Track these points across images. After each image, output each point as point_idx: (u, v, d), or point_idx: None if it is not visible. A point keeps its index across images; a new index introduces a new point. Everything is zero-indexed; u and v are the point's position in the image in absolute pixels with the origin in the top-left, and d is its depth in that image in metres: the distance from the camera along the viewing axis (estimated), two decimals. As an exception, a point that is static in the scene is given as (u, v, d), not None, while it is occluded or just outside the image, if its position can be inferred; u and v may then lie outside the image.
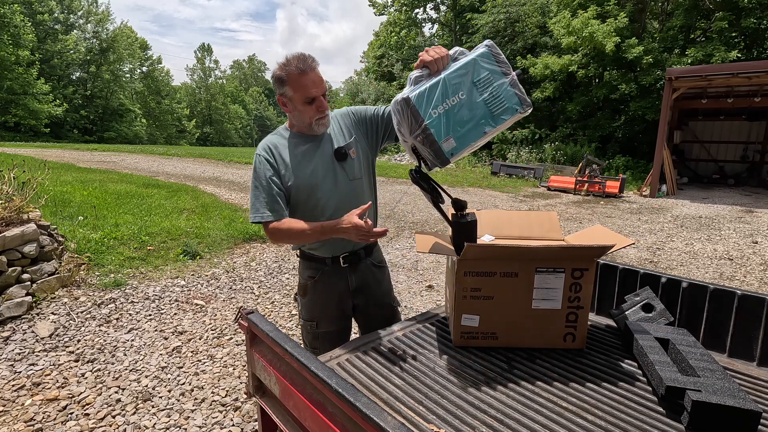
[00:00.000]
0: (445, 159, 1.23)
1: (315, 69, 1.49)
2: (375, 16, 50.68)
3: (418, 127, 1.21)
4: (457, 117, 1.23)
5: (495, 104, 1.24)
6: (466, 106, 1.23)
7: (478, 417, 1.08)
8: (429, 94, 1.21)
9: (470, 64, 1.24)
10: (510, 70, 1.27)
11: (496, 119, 1.25)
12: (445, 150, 1.23)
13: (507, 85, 1.25)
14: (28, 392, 2.47)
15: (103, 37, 41.73)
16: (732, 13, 14.59)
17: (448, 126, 1.22)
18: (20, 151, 16.25)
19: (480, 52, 1.26)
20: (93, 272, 4.23)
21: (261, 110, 78.89)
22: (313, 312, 1.72)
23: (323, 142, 1.61)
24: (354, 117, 1.68)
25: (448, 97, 1.22)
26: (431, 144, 1.22)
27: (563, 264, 1.40)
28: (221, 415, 2.36)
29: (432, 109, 1.21)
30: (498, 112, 1.25)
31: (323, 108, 1.53)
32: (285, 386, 1.13)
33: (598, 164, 12.86)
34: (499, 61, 1.26)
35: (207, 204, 8.03)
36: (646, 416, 1.10)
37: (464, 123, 1.23)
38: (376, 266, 1.78)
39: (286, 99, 1.53)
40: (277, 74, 1.51)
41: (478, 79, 1.24)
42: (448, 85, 1.22)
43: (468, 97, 1.23)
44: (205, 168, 15.91)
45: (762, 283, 4.88)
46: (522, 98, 1.26)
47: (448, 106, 1.22)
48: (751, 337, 1.51)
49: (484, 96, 1.24)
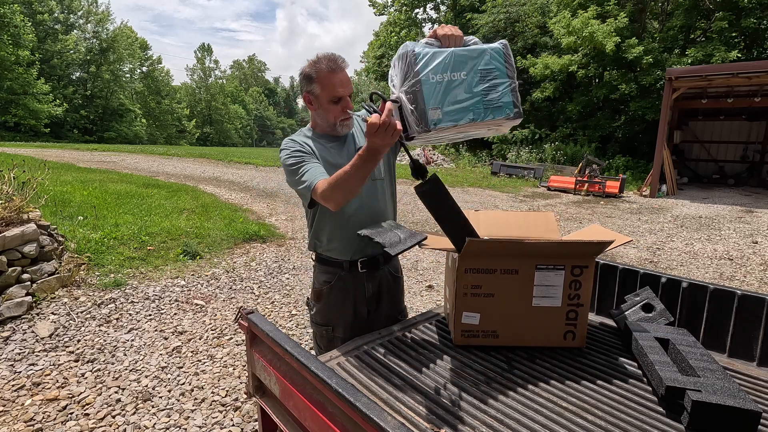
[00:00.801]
0: (427, 124, 1.20)
1: (344, 69, 1.50)
2: (375, 16, 50.72)
3: (412, 77, 1.19)
4: (452, 93, 1.22)
5: (490, 99, 1.24)
6: (463, 87, 1.22)
7: (478, 417, 1.08)
8: (433, 57, 1.20)
9: (481, 52, 1.25)
10: (515, 76, 1.27)
11: (485, 112, 1.24)
12: (429, 117, 1.20)
13: (507, 87, 1.25)
14: (28, 392, 2.47)
15: (103, 37, 41.76)
16: (732, 13, 14.59)
17: (440, 96, 1.20)
18: (20, 151, 16.25)
19: (494, 46, 1.26)
20: (93, 272, 4.23)
21: (261, 110, 78.87)
22: (328, 317, 1.69)
23: (347, 143, 1.62)
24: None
25: (450, 70, 1.21)
26: (418, 103, 1.19)
27: (563, 261, 1.40)
28: (221, 415, 2.36)
29: (432, 73, 1.20)
30: (490, 107, 1.24)
31: (348, 109, 1.54)
32: (285, 386, 1.13)
33: (598, 164, 12.87)
34: (508, 63, 1.26)
35: (207, 204, 8.03)
36: (646, 416, 1.10)
37: (456, 102, 1.22)
38: (393, 275, 1.75)
39: (313, 97, 1.54)
40: (306, 71, 1.51)
41: (484, 68, 1.24)
42: (454, 60, 1.22)
43: (468, 79, 1.23)
44: (205, 168, 15.92)
45: (762, 283, 4.87)
46: (517, 106, 1.26)
47: (447, 78, 1.21)
48: (751, 337, 1.51)
49: (483, 86, 1.24)
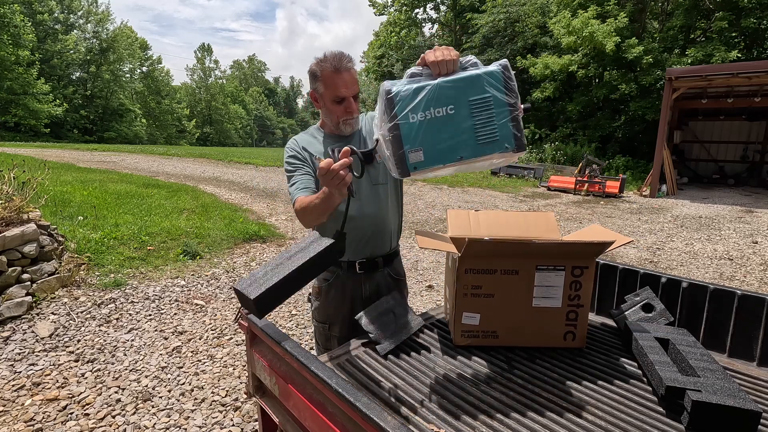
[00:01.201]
0: (406, 170, 1.09)
1: (349, 69, 1.48)
2: (375, 16, 50.73)
3: (389, 122, 1.09)
4: (436, 131, 1.09)
5: (483, 132, 1.08)
6: (451, 124, 1.09)
7: (478, 417, 1.08)
8: (413, 95, 1.08)
9: (472, 80, 1.09)
10: (516, 102, 1.10)
11: (477, 149, 1.09)
12: (409, 160, 1.09)
13: (506, 118, 1.09)
14: (28, 392, 2.47)
15: (103, 37, 41.77)
16: (732, 13, 14.59)
17: (421, 136, 1.08)
18: (20, 151, 16.26)
19: (490, 70, 1.10)
20: (93, 272, 4.23)
21: (261, 110, 78.87)
22: (326, 315, 1.72)
23: (353, 144, 1.60)
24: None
25: (433, 106, 1.08)
26: (397, 147, 1.09)
27: (563, 261, 1.40)
28: (221, 415, 2.36)
29: (411, 113, 1.08)
30: (483, 142, 1.09)
31: (351, 110, 1.52)
32: (285, 386, 1.13)
33: (598, 164, 12.86)
34: (508, 88, 1.09)
35: (207, 204, 8.03)
36: (646, 416, 1.10)
37: (441, 141, 1.09)
38: (394, 278, 1.75)
39: (318, 95, 1.54)
40: (312, 69, 1.51)
41: (476, 98, 1.08)
42: (438, 93, 1.08)
43: (456, 113, 1.08)
44: (205, 168, 15.92)
45: (762, 283, 4.88)
46: (518, 138, 1.10)
47: (430, 116, 1.08)
48: (751, 337, 1.51)
49: (474, 119, 1.08)
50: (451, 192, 11.74)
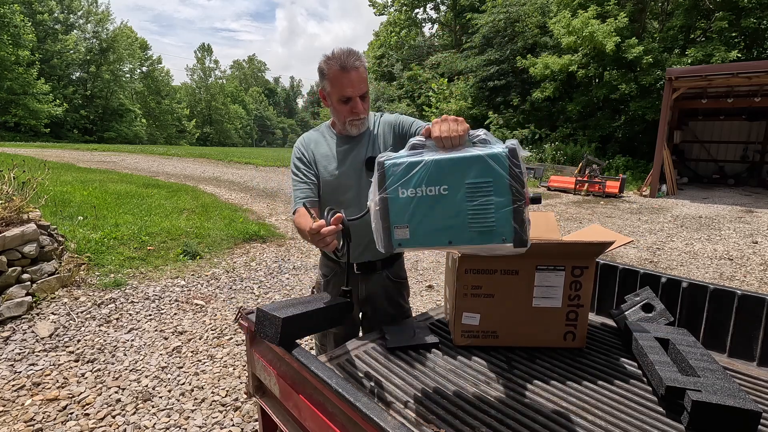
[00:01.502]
0: (389, 245, 1.03)
1: (357, 68, 1.43)
2: (375, 16, 50.73)
3: (380, 192, 1.02)
4: (426, 211, 1.00)
5: (478, 220, 0.98)
6: (443, 205, 0.99)
7: (478, 417, 1.08)
8: (406, 170, 1.00)
9: (472, 161, 0.97)
10: (522, 190, 0.96)
11: (469, 237, 0.99)
12: (394, 236, 1.02)
13: (506, 207, 0.96)
14: (28, 392, 2.47)
15: (103, 37, 41.79)
16: (732, 13, 14.59)
17: (409, 213, 1.00)
18: (20, 151, 16.26)
19: (494, 152, 0.97)
20: (93, 272, 4.23)
21: (261, 110, 78.89)
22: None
23: (360, 146, 1.59)
24: (398, 129, 1.62)
25: (426, 183, 0.99)
26: (383, 220, 1.03)
27: (563, 262, 1.40)
28: (221, 415, 2.36)
29: (402, 187, 1.00)
30: (476, 230, 0.98)
31: (357, 111, 1.49)
32: (285, 386, 1.13)
33: (598, 164, 12.86)
34: (513, 175, 0.95)
35: (207, 204, 8.03)
36: (646, 416, 1.10)
37: (430, 221, 1.00)
38: (393, 280, 1.74)
39: (326, 93, 1.51)
40: (320, 66, 1.47)
41: (474, 182, 0.97)
42: (432, 171, 0.99)
43: (450, 195, 0.98)
44: (205, 168, 15.92)
45: (762, 283, 4.87)
46: (518, 232, 0.97)
47: (421, 194, 0.99)
48: (751, 337, 1.51)
49: (469, 204, 0.98)
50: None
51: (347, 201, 1.58)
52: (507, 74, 21.06)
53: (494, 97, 21.59)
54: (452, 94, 22.42)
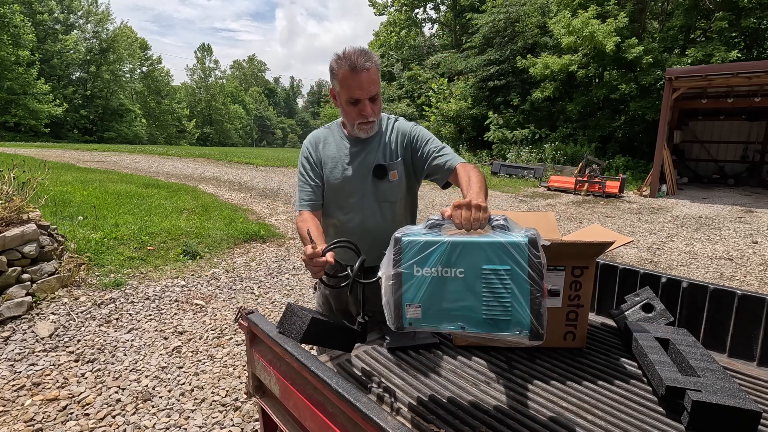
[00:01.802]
0: (400, 324, 1.00)
1: (368, 70, 1.38)
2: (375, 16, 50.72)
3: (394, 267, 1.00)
4: (440, 292, 0.97)
5: (493, 308, 0.95)
6: (458, 288, 0.96)
7: (478, 417, 1.08)
8: (423, 248, 0.97)
9: (492, 247, 0.94)
10: (540, 282, 0.93)
11: (482, 324, 0.96)
12: (405, 314, 0.99)
13: (524, 298, 0.93)
14: (28, 392, 2.47)
15: (103, 37, 41.79)
16: (732, 13, 14.59)
17: (423, 293, 0.98)
18: (20, 151, 16.26)
19: (515, 240, 0.94)
20: (93, 272, 4.23)
21: (261, 110, 78.89)
22: (322, 306, 1.77)
23: (369, 151, 1.55)
24: (414, 142, 1.56)
25: (442, 264, 0.96)
26: (395, 297, 1.00)
27: (563, 262, 1.40)
28: (221, 415, 2.36)
29: (417, 265, 0.98)
30: (490, 318, 0.95)
31: (365, 114, 1.45)
32: (285, 386, 1.13)
33: (598, 164, 12.87)
34: (532, 265, 0.92)
35: (207, 204, 8.03)
36: (646, 416, 1.10)
37: (444, 303, 0.98)
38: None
39: (336, 93, 1.48)
40: (330, 65, 1.44)
41: (492, 268, 0.94)
42: (449, 252, 0.96)
43: (466, 279, 0.96)
44: (205, 168, 15.92)
45: (762, 283, 4.88)
46: (534, 324, 0.93)
47: (436, 274, 0.97)
48: (751, 337, 1.51)
49: (485, 291, 0.95)
50: (451, 192, 11.74)
51: (350, 206, 1.57)
52: (507, 74, 21.06)
53: (494, 97, 21.60)
54: (452, 94, 22.42)
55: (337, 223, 1.62)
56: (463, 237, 0.97)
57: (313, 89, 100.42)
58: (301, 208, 1.56)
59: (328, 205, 1.61)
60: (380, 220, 1.59)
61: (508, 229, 0.99)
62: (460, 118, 22.07)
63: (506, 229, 0.99)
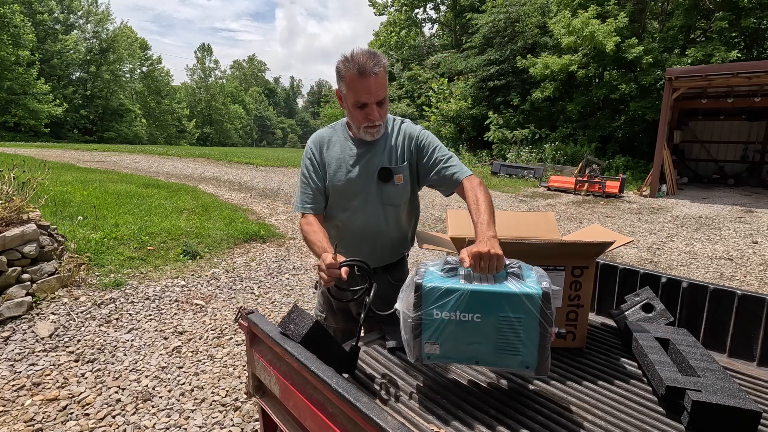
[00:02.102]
0: (419, 357, 1.11)
1: (376, 74, 1.36)
2: (375, 16, 50.72)
3: (414, 310, 1.09)
4: (457, 333, 1.07)
5: (506, 348, 1.06)
6: (475, 330, 1.06)
7: (478, 417, 1.08)
8: (444, 295, 1.06)
9: (508, 297, 1.04)
10: (549, 328, 1.04)
11: (495, 360, 1.08)
12: (424, 350, 1.10)
13: (534, 340, 1.05)
14: (28, 392, 2.47)
15: (103, 37, 41.76)
16: (732, 13, 14.59)
17: (442, 333, 1.08)
18: (20, 151, 16.26)
19: (529, 292, 1.03)
20: (93, 272, 4.23)
21: (261, 110, 78.88)
22: (322, 305, 1.76)
23: (375, 153, 1.54)
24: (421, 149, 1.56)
25: (461, 309, 1.06)
26: (415, 335, 1.10)
27: (564, 262, 1.40)
28: (221, 415, 2.36)
29: (437, 309, 1.07)
30: (503, 355, 1.07)
31: (372, 118, 1.43)
32: (285, 386, 1.13)
33: (598, 164, 12.87)
34: (543, 315, 1.03)
35: (207, 204, 8.03)
36: (646, 416, 1.10)
37: (460, 342, 1.08)
38: (393, 283, 1.71)
39: (342, 95, 1.46)
40: (338, 66, 1.41)
41: (507, 316, 1.04)
42: (469, 300, 1.05)
43: (483, 323, 1.06)
44: (205, 168, 15.92)
45: (762, 283, 4.87)
46: (541, 362, 1.05)
47: (455, 318, 1.06)
48: (751, 337, 1.51)
49: (499, 334, 1.06)
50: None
51: (353, 207, 1.56)
52: (507, 74, 21.06)
53: (494, 97, 21.60)
54: (452, 94, 22.43)
55: (339, 224, 1.61)
56: (482, 286, 1.06)
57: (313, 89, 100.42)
58: (304, 210, 1.56)
59: (331, 207, 1.60)
60: (383, 223, 1.58)
61: (523, 277, 1.09)
62: (460, 118, 22.06)
63: (520, 277, 1.09)
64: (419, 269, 1.13)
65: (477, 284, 1.07)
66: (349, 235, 1.59)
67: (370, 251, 1.60)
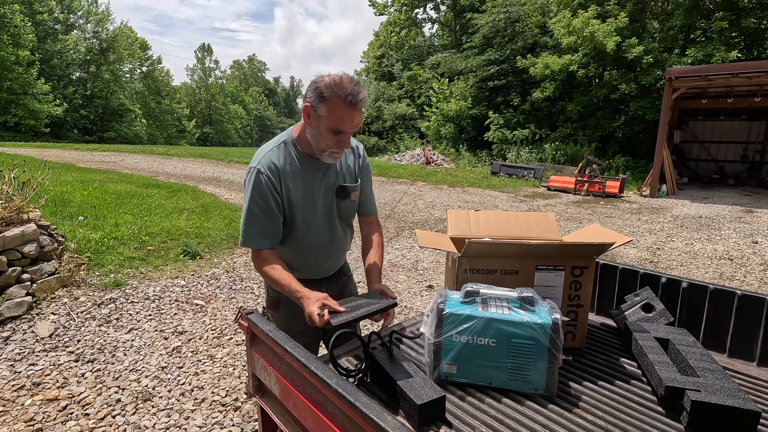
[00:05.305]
0: (438, 376, 1.22)
1: (360, 109, 1.37)
2: (375, 16, 50.72)
3: (437, 336, 1.20)
4: (473, 356, 1.18)
5: (517, 371, 1.17)
6: (489, 354, 1.17)
7: (478, 417, 1.08)
8: (463, 321, 1.18)
9: (521, 325, 1.15)
10: (557, 354, 1.14)
11: (507, 382, 1.19)
12: (443, 369, 1.21)
13: (543, 365, 1.15)
14: (28, 392, 2.47)
15: (103, 37, 41.72)
16: (732, 13, 14.59)
17: (460, 355, 1.19)
18: (20, 151, 16.25)
19: (540, 322, 1.15)
20: (93, 272, 4.23)
21: (261, 110, 78.90)
22: (288, 326, 1.61)
23: (329, 172, 1.54)
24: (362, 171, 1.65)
25: (478, 334, 1.17)
26: (435, 357, 1.21)
27: (563, 262, 1.40)
28: (221, 415, 2.36)
29: (457, 334, 1.18)
30: (514, 379, 1.18)
31: (344, 146, 1.42)
32: (285, 386, 1.13)
33: (598, 164, 12.86)
34: (552, 342, 1.14)
35: (207, 204, 8.03)
36: (645, 416, 1.10)
37: (476, 363, 1.19)
38: (347, 275, 1.81)
39: (314, 114, 1.37)
40: (320, 87, 1.33)
41: (519, 342, 1.15)
42: (486, 326, 1.17)
43: (497, 347, 1.17)
44: (205, 168, 15.91)
45: (762, 283, 4.88)
46: (549, 386, 1.16)
47: (472, 341, 1.18)
48: (751, 337, 1.51)
49: (512, 358, 1.16)
50: (451, 192, 11.74)
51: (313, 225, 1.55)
52: (507, 74, 21.07)
53: (494, 97, 21.61)
54: (452, 94, 22.43)
55: (298, 242, 1.56)
56: (498, 314, 1.17)
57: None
58: (263, 247, 1.47)
59: (290, 225, 1.54)
60: (342, 236, 1.65)
61: (534, 304, 1.21)
62: (460, 118, 22.07)
63: (532, 304, 1.20)
64: (440, 294, 1.25)
65: (494, 312, 1.18)
66: (307, 251, 1.58)
67: (330, 264, 1.68)
